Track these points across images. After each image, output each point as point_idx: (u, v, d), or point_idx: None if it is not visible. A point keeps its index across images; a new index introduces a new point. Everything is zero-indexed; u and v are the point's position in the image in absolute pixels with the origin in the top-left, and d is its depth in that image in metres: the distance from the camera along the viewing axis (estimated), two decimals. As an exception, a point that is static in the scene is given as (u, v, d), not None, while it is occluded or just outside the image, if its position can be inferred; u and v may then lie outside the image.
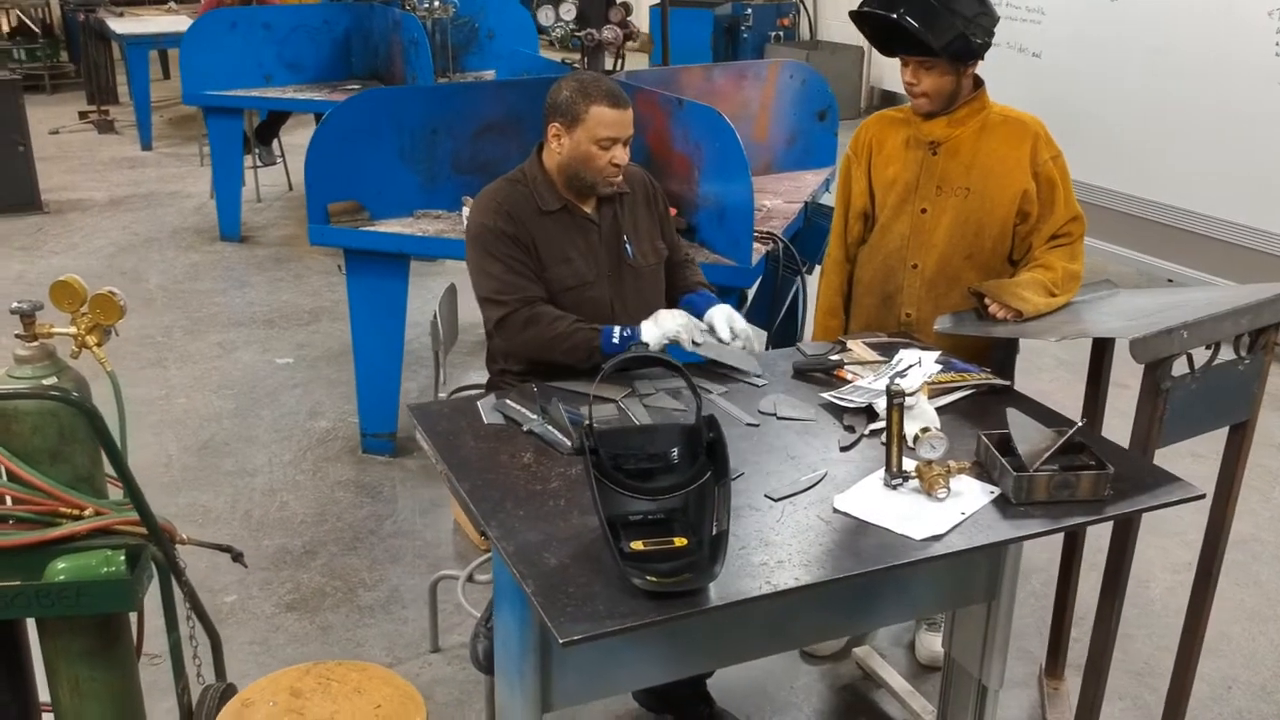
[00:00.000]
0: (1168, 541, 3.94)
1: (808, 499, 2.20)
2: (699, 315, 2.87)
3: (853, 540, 2.06)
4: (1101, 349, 2.88)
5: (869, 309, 3.04)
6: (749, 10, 11.57)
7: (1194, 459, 3.51)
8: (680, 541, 1.96)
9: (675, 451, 2.05)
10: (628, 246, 2.92)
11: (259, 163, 8.12)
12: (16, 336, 2.39)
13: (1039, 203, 2.85)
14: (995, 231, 2.88)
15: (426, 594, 3.43)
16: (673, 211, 4.04)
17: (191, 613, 2.64)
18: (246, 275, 6.66)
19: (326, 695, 2.05)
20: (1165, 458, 2.45)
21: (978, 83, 2.88)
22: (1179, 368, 2.45)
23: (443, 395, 3.41)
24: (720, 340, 2.76)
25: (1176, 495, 2.24)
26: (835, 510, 2.15)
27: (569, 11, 4.34)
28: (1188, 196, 5.92)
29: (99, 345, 2.46)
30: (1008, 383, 2.67)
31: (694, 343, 2.68)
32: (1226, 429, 2.67)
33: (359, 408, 4.56)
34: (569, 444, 2.29)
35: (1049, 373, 5.25)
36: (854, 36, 11.43)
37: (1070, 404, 2.92)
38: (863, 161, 3.00)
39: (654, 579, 1.88)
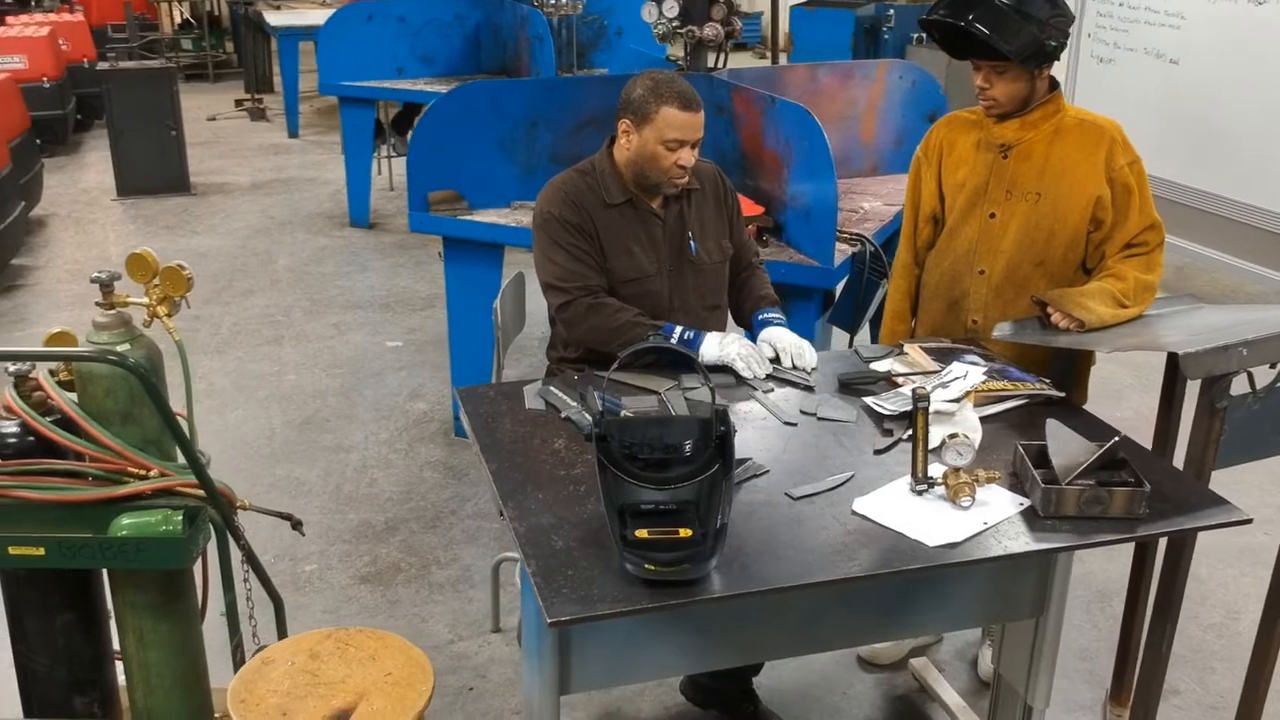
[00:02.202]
0: (1265, 572, 3.74)
1: (828, 500, 2.18)
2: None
3: (863, 543, 2.04)
4: (1176, 366, 2.76)
5: (935, 314, 2.99)
6: (891, 11, 11.37)
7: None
8: (685, 533, 1.97)
9: (689, 444, 2.06)
10: (691, 243, 2.93)
11: (394, 152, 8.38)
12: (96, 304, 2.55)
13: (1113, 210, 2.76)
14: (1066, 238, 2.80)
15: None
16: (760, 210, 4.06)
17: (250, 576, 2.78)
18: (369, 260, 6.90)
19: (342, 660, 2.13)
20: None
21: (1053, 84, 2.79)
22: (1241, 386, 2.34)
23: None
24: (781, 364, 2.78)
25: (1220, 519, 2.14)
26: (853, 512, 2.13)
27: (671, 9, 4.36)
28: (1330, 213, 5.61)
29: (168, 315, 2.59)
30: (1063, 394, 2.59)
31: (754, 375, 2.69)
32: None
33: (453, 391, 4.68)
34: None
35: (1162, 391, 5.03)
36: (999, 40, 11.13)
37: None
38: (933, 163, 2.95)
39: (651, 567, 1.90)
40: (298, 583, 3.67)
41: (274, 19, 10.13)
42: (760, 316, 2.96)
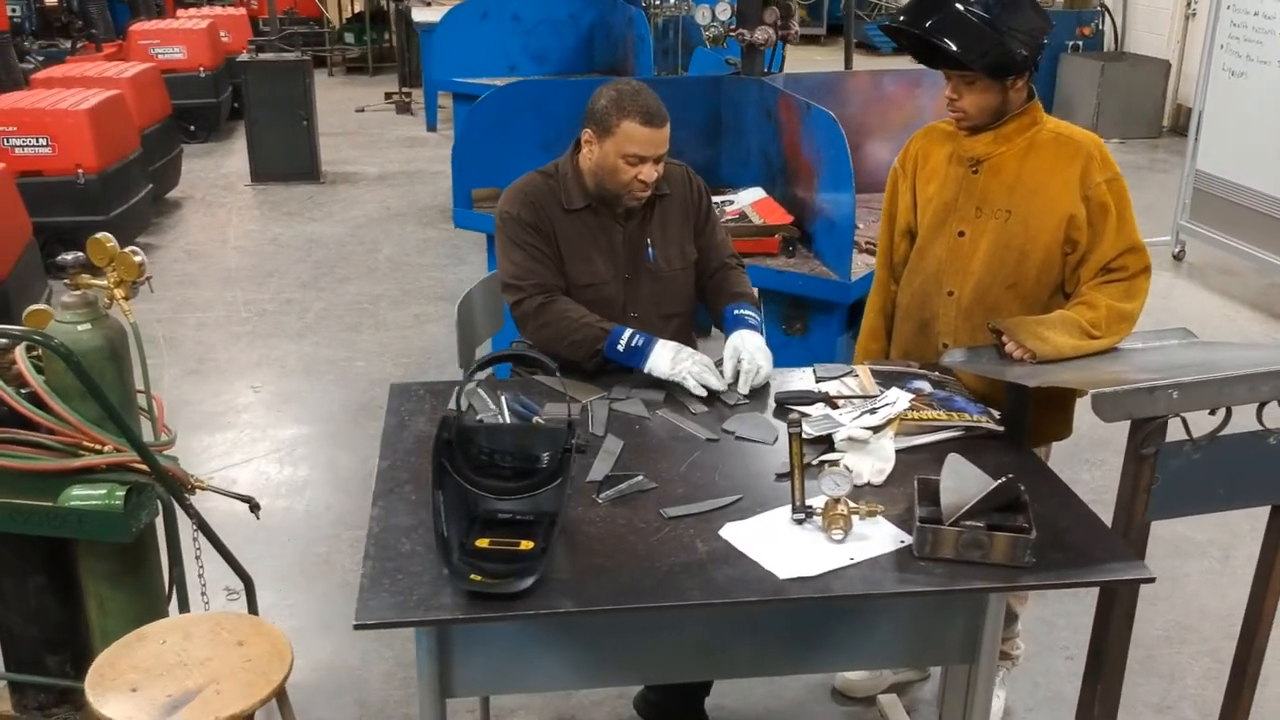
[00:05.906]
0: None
1: (703, 521, 2.10)
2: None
3: (711, 569, 1.96)
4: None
5: (906, 336, 2.84)
6: (1046, 17, 10.88)
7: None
8: (526, 545, 1.94)
9: (547, 455, 2.02)
10: (650, 250, 2.87)
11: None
12: (64, 284, 2.68)
13: (1089, 230, 2.56)
14: (1039, 259, 2.61)
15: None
16: (789, 219, 3.95)
17: (200, 550, 2.86)
18: (467, 254, 7.01)
19: (211, 642, 2.17)
20: None
21: (1031, 95, 2.61)
22: (1180, 433, 2.14)
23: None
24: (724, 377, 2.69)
25: (1121, 575, 1.97)
26: (719, 536, 2.05)
27: (724, 11, 4.29)
28: None
29: (125, 299, 2.70)
30: (1002, 428, 2.42)
31: (705, 389, 2.62)
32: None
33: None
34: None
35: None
36: (1162, 49, 10.54)
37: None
38: (908, 176, 2.80)
39: (476, 578, 1.88)
40: (302, 565, 3.77)
41: (419, 15, 10.43)
42: (734, 312, 2.84)
